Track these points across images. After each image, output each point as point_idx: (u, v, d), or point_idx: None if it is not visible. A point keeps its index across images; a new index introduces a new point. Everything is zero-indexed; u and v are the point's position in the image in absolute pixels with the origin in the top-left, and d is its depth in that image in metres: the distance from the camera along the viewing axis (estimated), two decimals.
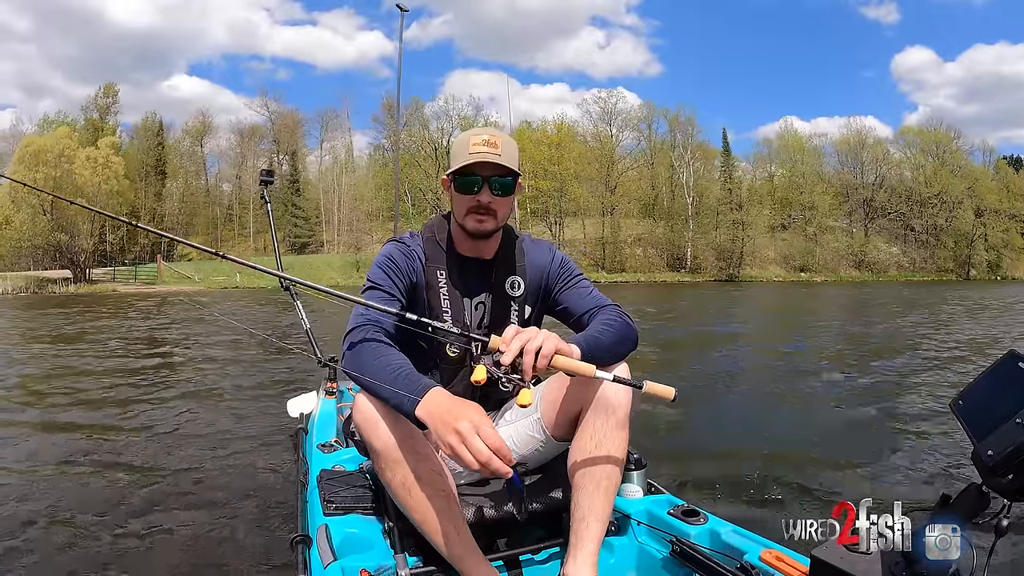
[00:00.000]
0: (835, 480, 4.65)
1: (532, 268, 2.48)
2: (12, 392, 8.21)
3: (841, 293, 39.95)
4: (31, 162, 50.91)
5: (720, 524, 2.36)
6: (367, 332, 2.10)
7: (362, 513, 2.42)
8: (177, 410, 6.89)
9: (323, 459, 3.08)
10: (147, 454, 5.22)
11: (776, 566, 2.06)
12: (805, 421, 6.49)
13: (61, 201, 38.87)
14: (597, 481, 2.15)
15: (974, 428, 1.46)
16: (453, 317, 2.36)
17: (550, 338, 1.96)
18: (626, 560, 2.45)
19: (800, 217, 75.40)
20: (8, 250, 55.01)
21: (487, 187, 2.28)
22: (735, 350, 12.43)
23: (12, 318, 20.67)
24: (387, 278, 2.27)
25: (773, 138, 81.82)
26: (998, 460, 1.37)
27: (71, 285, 49.10)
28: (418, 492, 2.01)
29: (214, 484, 4.50)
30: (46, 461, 5.12)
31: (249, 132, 78.95)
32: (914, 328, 16.24)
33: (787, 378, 9.19)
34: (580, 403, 2.21)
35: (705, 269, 70.26)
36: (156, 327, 17.90)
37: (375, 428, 1.99)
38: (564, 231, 71.02)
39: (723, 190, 75.50)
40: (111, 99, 75.81)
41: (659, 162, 75.86)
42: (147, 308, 26.06)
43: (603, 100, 78.41)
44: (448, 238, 2.44)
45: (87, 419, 6.56)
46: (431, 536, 2.06)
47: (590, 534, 2.13)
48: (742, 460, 5.08)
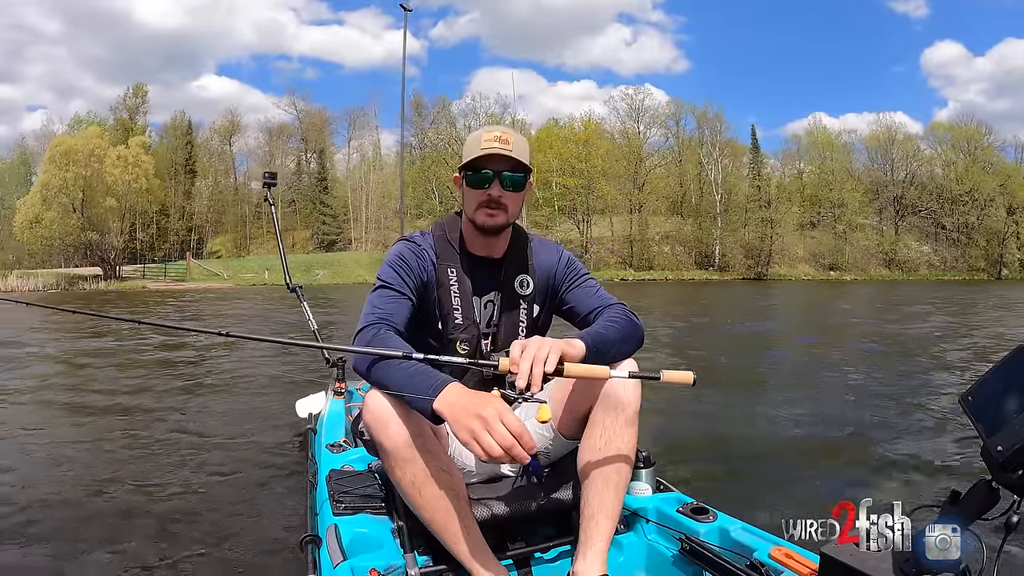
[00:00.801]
0: (842, 479, 4.65)
1: (540, 268, 2.49)
2: (27, 386, 8.33)
3: (871, 292, 39.50)
4: (61, 161, 51.44)
5: (729, 522, 2.35)
6: (379, 330, 2.10)
7: (371, 513, 2.43)
8: (186, 408, 6.94)
9: (332, 459, 3.09)
10: (154, 453, 5.23)
11: (786, 563, 2.05)
12: (820, 418, 6.43)
13: (92, 199, 39.57)
14: (607, 479, 2.15)
15: (984, 424, 1.45)
16: (464, 315, 2.37)
17: (555, 347, 1.97)
18: (635, 558, 2.45)
19: (829, 215, 74.50)
20: (39, 248, 55.76)
21: (498, 181, 2.28)
22: (761, 349, 12.35)
23: (37, 312, 20.82)
24: (398, 277, 2.27)
25: (802, 134, 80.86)
26: (1008, 456, 1.36)
27: (101, 282, 49.78)
28: (428, 491, 2.01)
29: (223, 483, 4.50)
30: (52, 452, 5.22)
31: (277, 131, 79.60)
32: (945, 327, 16.03)
33: (807, 376, 9.10)
34: (589, 401, 2.21)
35: (733, 267, 69.68)
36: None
37: (385, 427, 1.98)
38: (592, 229, 70.59)
39: (752, 187, 74.68)
40: (140, 99, 76.71)
41: (687, 159, 75.38)
42: (170, 304, 26.25)
43: (630, 97, 77.96)
44: (459, 237, 2.44)
45: (93, 416, 6.64)
46: (441, 535, 2.06)
47: (599, 532, 2.13)
48: (755, 457, 5.09)
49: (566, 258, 2.54)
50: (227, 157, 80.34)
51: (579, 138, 72.70)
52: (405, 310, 2.24)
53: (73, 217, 52.35)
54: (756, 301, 29.37)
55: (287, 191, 77.48)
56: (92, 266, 55.93)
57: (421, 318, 2.33)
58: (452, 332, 2.36)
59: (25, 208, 54.31)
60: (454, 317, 2.36)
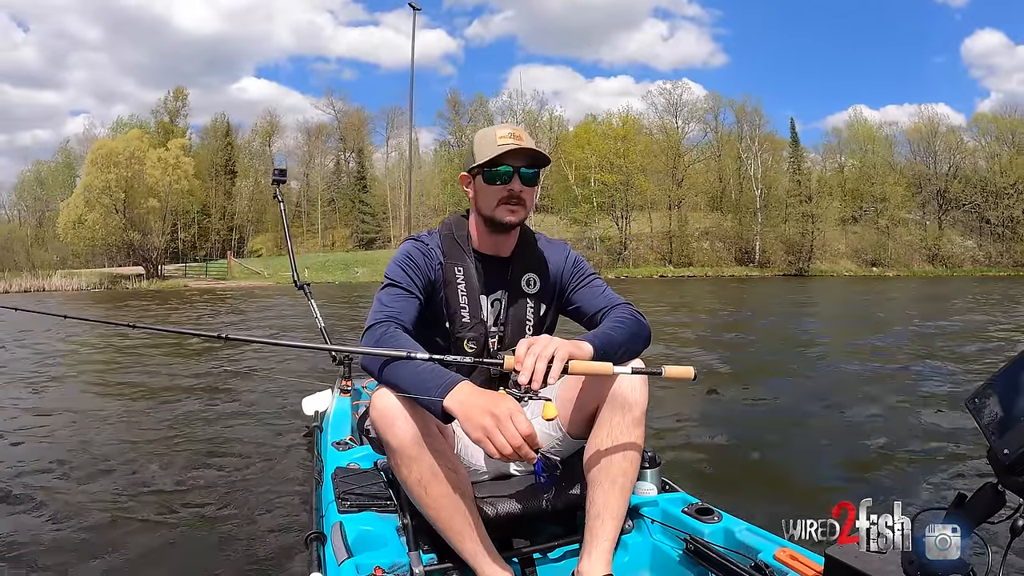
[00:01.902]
0: (848, 479, 4.65)
1: (547, 267, 2.50)
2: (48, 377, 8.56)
3: (914, 288, 38.91)
4: (103, 163, 52.19)
5: (734, 523, 2.35)
6: (388, 328, 2.12)
7: (377, 510, 2.44)
8: (191, 405, 7.02)
9: (338, 457, 3.11)
10: (159, 448, 5.29)
11: (790, 565, 2.04)
12: (839, 420, 6.35)
13: (133, 200, 40.29)
14: (613, 478, 2.16)
15: (990, 427, 1.45)
16: (471, 314, 2.39)
17: (562, 345, 1.98)
18: (640, 558, 2.45)
19: (872, 209, 73.50)
20: (83, 248, 56.68)
21: (517, 177, 2.31)
22: (793, 349, 12.20)
23: (77, 310, 20.99)
24: (405, 275, 2.29)
25: (842, 127, 79.61)
26: (1014, 459, 1.35)
27: (143, 281, 50.43)
28: (434, 489, 2.02)
29: (229, 480, 4.54)
30: (54, 444, 5.38)
31: (316, 131, 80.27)
32: (987, 325, 15.75)
33: (835, 376, 9.02)
34: (596, 400, 2.22)
35: (774, 263, 68.48)
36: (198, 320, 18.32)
37: (392, 425, 1.98)
38: (631, 225, 70.26)
39: (792, 182, 73.51)
40: (180, 102, 77.71)
41: (726, 154, 74.60)
42: (205, 302, 26.49)
43: (668, 92, 77.21)
44: (467, 236, 2.46)
45: (98, 410, 6.76)
46: (446, 533, 2.07)
47: (605, 531, 2.14)
48: (763, 459, 5.10)
49: (573, 257, 2.55)
50: (267, 158, 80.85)
51: (617, 134, 72.25)
52: (413, 308, 2.25)
53: (115, 218, 53.10)
54: (793, 298, 28.98)
55: (326, 190, 78.15)
56: (135, 265, 56.77)
57: (429, 317, 2.35)
58: (459, 331, 2.37)
59: (68, 209, 55.14)
60: (461, 316, 2.37)
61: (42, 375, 9.20)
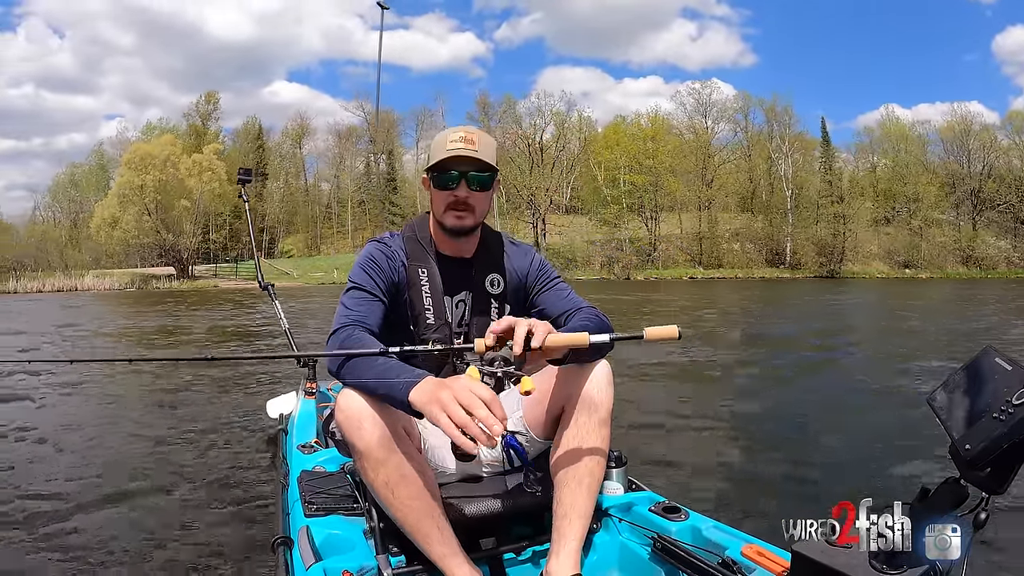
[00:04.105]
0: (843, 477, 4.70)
1: (512, 268, 2.51)
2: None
3: (948, 290, 38.35)
4: (138, 166, 52.85)
5: (701, 520, 2.37)
6: (353, 331, 2.12)
7: (344, 514, 2.45)
8: (152, 409, 7.08)
9: (303, 460, 3.12)
10: (119, 454, 5.30)
11: (758, 561, 2.06)
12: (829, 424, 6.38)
13: (166, 203, 40.83)
14: (579, 478, 2.17)
15: (951, 423, 1.48)
16: (435, 315, 2.39)
17: (540, 322, 1.99)
18: (608, 557, 2.45)
19: (904, 210, 72.56)
20: (116, 248, 57.47)
21: (464, 182, 2.31)
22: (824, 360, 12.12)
23: (109, 308, 21.17)
24: (369, 278, 2.30)
25: (874, 126, 78.49)
26: (975, 454, 1.38)
27: (174, 281, 51.06)
28: (401, 491, 2.02)
29: (193, 486, 4.53)
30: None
31: (346, 133, 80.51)
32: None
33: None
34: (563, 401, 2.22)
35: (805, 265, 68.00)
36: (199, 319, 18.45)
37: (358, 427, 1.98)
38: (660, 226, 69.98)
39: (823, 182, 72.75)
40: (212, 106, 78.47)
41: (756, 154, 74.14)
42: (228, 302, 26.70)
43: (697, 92, 76.72)
44: (429, 237, 2.47)
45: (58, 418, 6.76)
46: (414, 535, 2.07)
47: (573, 531, 2.15)
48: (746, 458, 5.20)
49: (538, 260, 2.56)
50: (297, 160, 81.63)
51: (646, 134, 72.02)
52: (378, 311, 2.26)
53: (149, 219, 53.76)
54: (825, 299, 28.81)
55: (356, 191, 78.43)
56: (166, 266, 57.51)
57: (393, 319, 2.35)
58: (424, 332, 2.38)
59: (101, 210, 55.97)
60: (426, 317, 2.38)
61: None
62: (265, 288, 5.44)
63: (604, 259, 66.07)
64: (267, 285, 5.44)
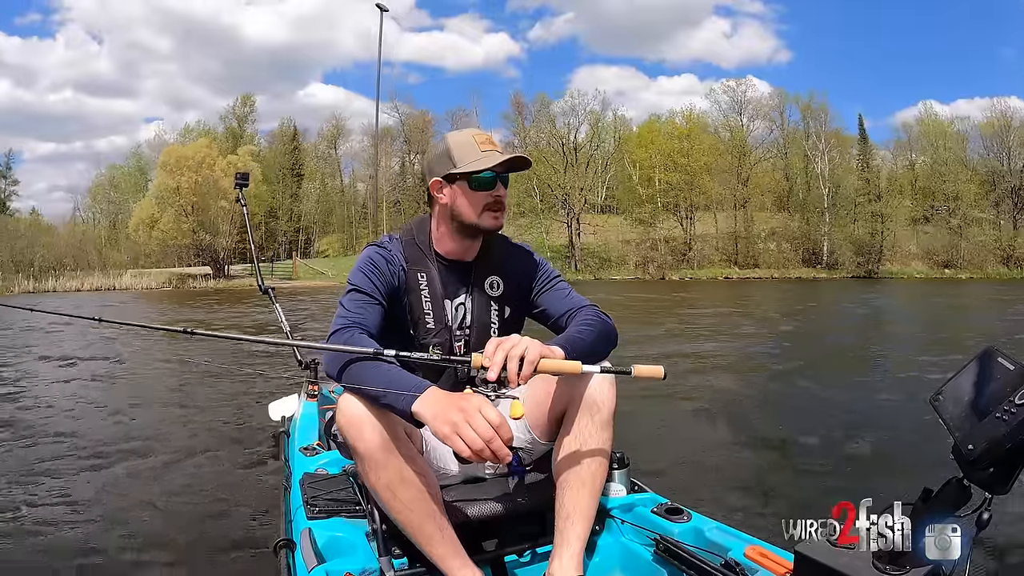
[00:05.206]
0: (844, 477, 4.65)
1: (511, 270, 2.51)
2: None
3: (989, 291, 37.16)
4: (175, 168, 53.49)
5: (704, 522, 2.36)
6: (352, 333, 2.11)
7: (346, 516, 2.45)
8: (154, 411, 7.09)
9: (305, 462, 3.11)
10: (120, 456, 5.27)
11: (760, 562, 2.05)
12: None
13: (203, 204, 41.33)
14: (582, 480, 2.16)
15: (954, 423, 1.48)
16: (435, 319, 2.39)
17: (533, 344, 1.98)
18: (611, 559, 2.44)
19: (943, 208, 71.24)
20: (154, 248, 58.26)
21: (499, 182, 2.34)
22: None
23: (143, 304, 21.35)
24: (368, 281, 2.29)
25: (912, 123, 76.60)
26: (978, 454, 1.39)
27: (210, 281, 51.65)
28: (403, 494, 2.02)
29: (195, 488, 4.52)
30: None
31: (381, 134, 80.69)
32: None
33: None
34: (565, 403, 2.22)
35: (842, 265, 66.77)
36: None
37: (359, 431, 1.98)
38: (695, 225, 69.35)
39: (860, 180, 71.61)
40: (248, 108, 78.93)
41: (792, 152, 73.00)
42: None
43: (731, 89, 75.38)
44: (428, 240, 2.46)
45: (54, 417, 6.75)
46: (416, 538, 2.07)
47: (575, 533, 2.14)
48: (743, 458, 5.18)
49: (538, 261, 2.55)
50: (333, 161, 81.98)
51: (681, 133, 71.47)
52: (377, 314, 2.25)
53: (186, 220, 54.42)
54: (860, 300, 28.52)
55: (392, 191, 78.73)
56: (203, 265, 58.30)
57: (392, 323, 2.35)
58: (424, 336, 2.37)
59: (139, 211, 56.77)
60: (426, 321, 2.38)
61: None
62: (265, 292, 5.48)
63: (639, 259, 65.64)
64: (267, 288, 5.50)
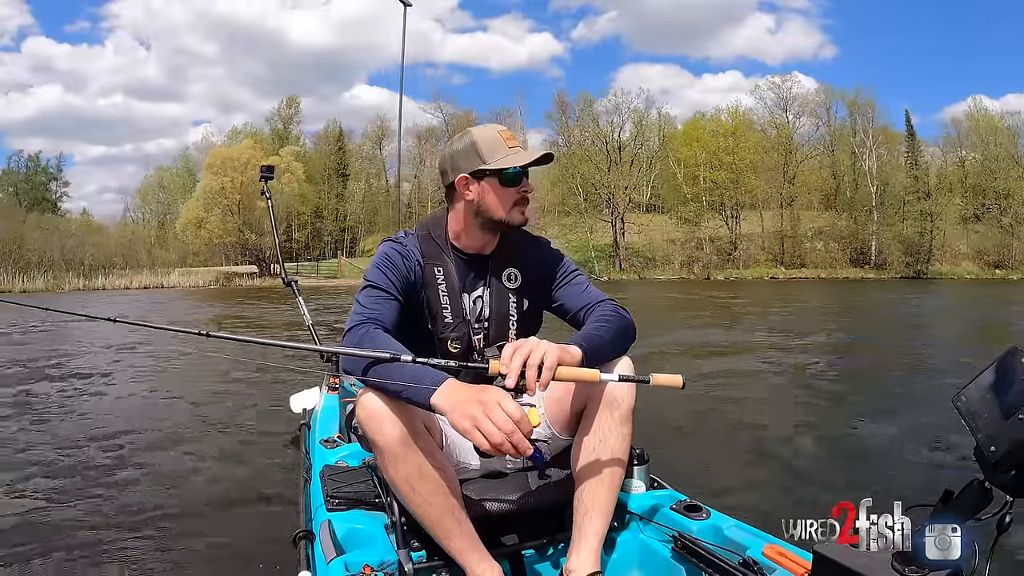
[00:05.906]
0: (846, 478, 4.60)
1: (530, 262, 2.51)
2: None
3: None
4: (219, 169, 54.25)
5: (723, 519, 2.34)
6: (369, 329, 2.12)
7: (365, 509, 2.46)
8: (178, 402, 7.18)
9: (326, 454, 3.14)
10: (146, 446, 5.35)
11: (779, 561, 2.04)
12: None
13: (248, 204, 41.79)
14: (601, 476, 2.17)
15: (977, 424, 1.45)
16: (453, 313, 2.39)
17: (550, 349, 1.97)
18: (629, 555, 2.43)
19: (994, 206, 69.88)
20: (201, 247, 59.07)
21: (525, 177, 2.36)
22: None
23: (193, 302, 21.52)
24: (385, 277, 2.30)
25: (962, 118, 74.44)
26: (1000, 456, 1.37)
27: (256, 279, 52.27)
28: (422, 487, 2.02)
29: (216, 479, 4.59)
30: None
31: (426, 134, 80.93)
32: None
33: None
34: (584, 398, 2.23)
35: (891, 265, 65.56)
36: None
37: (379, 424, 1.99)
38: (741, 224, 68.77)
39: (909, 177, 69.88)
40: (293, 110, 79.75)
41: (839, 149, 71.97)
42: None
43: (777, 86, 74.32)
44: (444, 235, 2.47)
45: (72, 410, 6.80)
46: (434, 531, 2.07)
47: (593, 529, 2.15)
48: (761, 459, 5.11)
49: (555, 255, 2.56)
50: (378, 161, 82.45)
51: (726, 130, 70.89)
52: (393, 310, 2.25)
53: (232, 219, 55.10)
54: (912, 302, 28.09)
55: (437, 191, 78.90)
56: (249, 264, 59.15)
57: (411, 318, 2.35)
58: (442, 331, 2.38)
59: (187, 211, 57.71)
60: (443, 316, 2.38)
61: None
62: (288, 284, 5.51)
63: (684, 258, 65.19)
64: (290, 282, 5.52)
